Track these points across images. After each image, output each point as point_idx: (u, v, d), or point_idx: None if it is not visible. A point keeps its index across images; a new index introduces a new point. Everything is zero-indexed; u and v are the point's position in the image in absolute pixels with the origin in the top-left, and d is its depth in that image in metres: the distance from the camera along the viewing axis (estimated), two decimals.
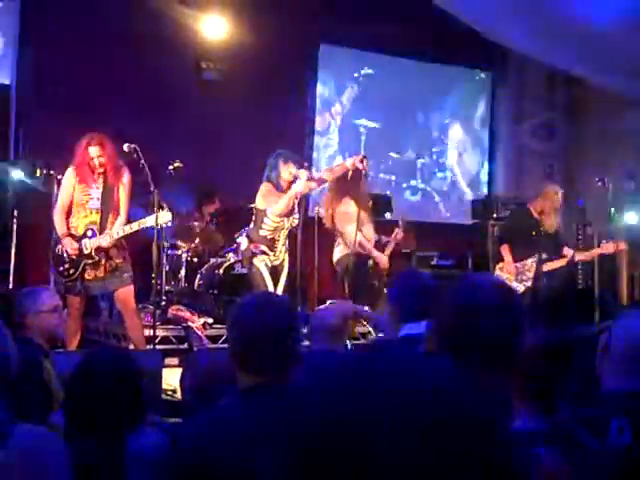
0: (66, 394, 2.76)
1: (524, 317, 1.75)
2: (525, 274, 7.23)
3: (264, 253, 6.42)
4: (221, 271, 7.63)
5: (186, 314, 7.21)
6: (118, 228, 5.94)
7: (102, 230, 5.92)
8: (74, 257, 5.88)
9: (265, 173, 6.40)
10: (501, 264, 7.36)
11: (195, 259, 8.08)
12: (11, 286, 6.88)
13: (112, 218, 5.98)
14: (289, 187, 6.28)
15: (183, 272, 7.95)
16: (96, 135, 5.90)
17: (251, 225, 6.58)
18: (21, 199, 7.35)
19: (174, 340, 6.91)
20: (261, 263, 6.42)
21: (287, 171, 6.29)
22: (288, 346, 2.29)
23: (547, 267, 7.24)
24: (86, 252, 5.87)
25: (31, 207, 7.38)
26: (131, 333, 6.11)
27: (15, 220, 7.21)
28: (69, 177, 5.95)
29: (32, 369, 3.30)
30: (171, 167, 7.32)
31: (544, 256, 7.21)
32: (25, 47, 7.98)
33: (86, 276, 5.95)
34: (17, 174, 7.24)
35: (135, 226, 6.01)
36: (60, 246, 5.93)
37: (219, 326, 7.00)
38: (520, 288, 7.08)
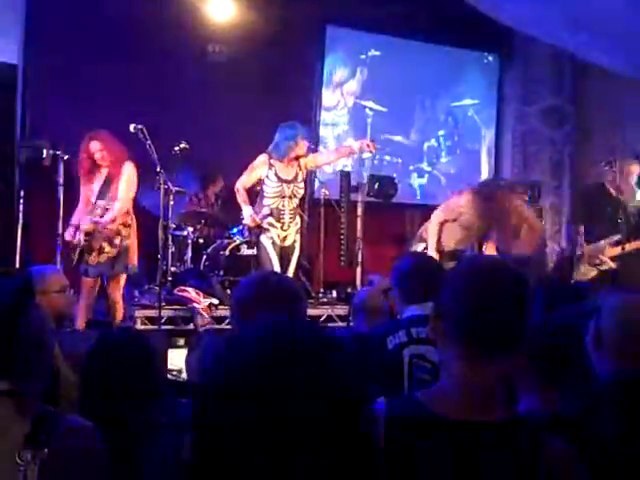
0: (83, 374, 2.76)
1: (531, 301, 1.71)
2: (599, 257, 6.84)
3: (271, 225, 6.44)
4: (227, 252, 7.63)
5: (192, 295, 7.22)
6: (108, 215, 6.24)
7: (94, 218, 6.25)
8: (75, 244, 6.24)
9: (275, 141, 6.48)
10: (579, 246, 6.97)
11: (201, 240, 8.09)
12: (17, 266, 6.89)
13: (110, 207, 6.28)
14: (295, 160, 6.35)
15: (189, 253, 7.97)
16: (99, 131, 6.23)
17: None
18: (27, 180, 7.37)
19: (180, 321, 6.93)
20: (268, 241, 6.43)
21: (304, 148, 6.36)
22: None
23: (629, 246, 6.75)
24: (79, 237, 6.20)
25: (37, 188, 7.40)
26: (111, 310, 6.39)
27: (22, 201, 7.23)
28: (80, 175, 6.36)
29: None
30: (177, 148, 7.31)
31: (619, 237, 6.80)
32: (32, 27, 7.96)
33: (89, 260, 6.21)
34: (23, 154, 7.25)
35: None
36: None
37: (224, 307, 7.02)
38: (591, 272, 6.84)
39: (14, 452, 1.75)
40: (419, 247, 6.78)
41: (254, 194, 6.94)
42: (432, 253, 6.55)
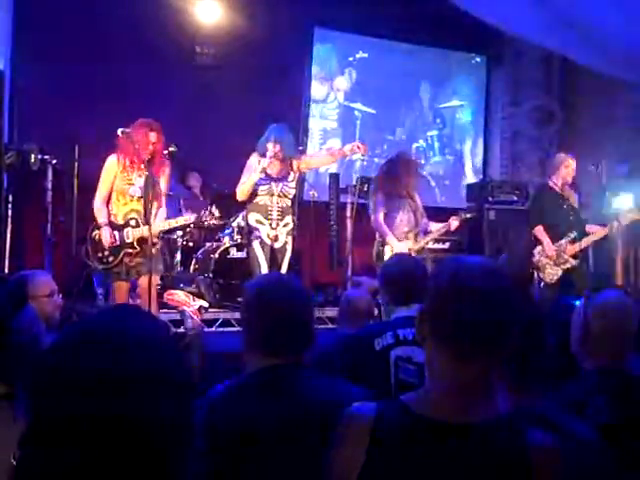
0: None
1: (514, 301, 1.70)
2: (562, 256, 6.98)
3: (259, 223, 6.44)
4: (216, 255, 7.64)
5: (181, 298, 7.22)
6: (162, 221, 5.95)
7: (146, 219, 5.86)
8: (114, 246, 5.84)
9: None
10: (539, 248, 7.09)
11: (190, 243, 8.10)
12: (7, 271, 6.88)
13: (154, 208, 5.94)
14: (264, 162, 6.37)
15: (179, 256, 7.97)
16: (154, 122, 5.92)
17: None
18: (15, 184, 7.35)
19: (170, 324, 6.93)
20: (256, 242, 6.43)
21: (270, 150, 6.36)
22: (310, 328, 2.33)
23: (585, 243, 6.97)
24: (128, 241, 5.84)
25: (26, 193, 7.39)
26: None
27: (10, 205, 7.21)
28: (112, 165, 5.87)
29: None
30: (166, 151, 7.30)
31: (575, 233, 6.95)
32: (20, 32, 7.96)
33: (127, 262, 5.91)
34: (11, 159, 7.24)
35: (181, 221, 6.12)
36: (98, 233, 5.89)
37: (215, 310, 7.03)
38: (559, 272, 6.98)
39: (10, 454, 1.76)
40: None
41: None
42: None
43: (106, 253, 5.88)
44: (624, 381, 2.32)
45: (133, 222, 5.88)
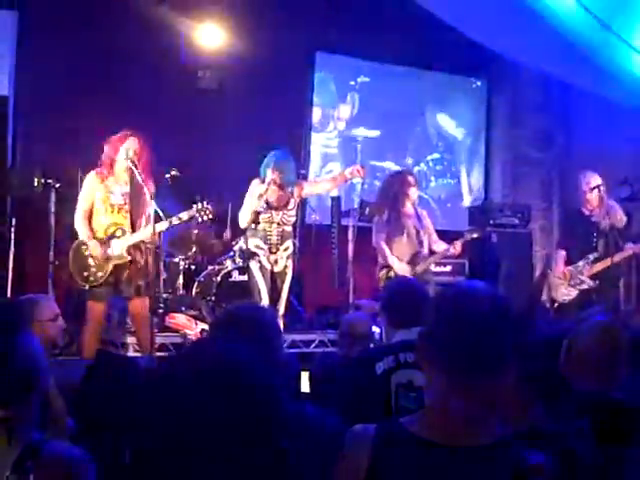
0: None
1: (513, 325, 1.72)
2: (577, 277, 6.98)
3: (258, 248, 6.45)
4: (218, 278, 7.65)
5: (183, 322, 7.23)
6: (149, 229, 5.79)
7: (133, 230, 5.83)
8: (100, 260, 5.77)
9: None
10: (553, 269, 7.21)
11: (192, 267, 8.11)
12: (9, 295, 6.89)
13: (141, 220, 5.90)
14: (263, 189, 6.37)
15: (181, 280, 7.97)
16: (135, 132, 5.94)
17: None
18: (19, 208, 7.38)
19: (171, 348, 6.93)
20: (256, 266, 6.43)
21: (268, 177, 6.38)
22: None
23: (601, 265, 6.90)
24: (116, 254, 5.79)
25: (29, 216, 7.41)
26: (140, 342, 6.05)
27: (13, 229, 7.24)
28: (91, 181, 5.87)
29: None
30: (167, 176, 7.34)
31: (595, 255, 6.92)
32: (24, 58, 8.02)
33: (119, 277, 5.83)
34: (15, 183, 7.27)
35: (179, 219, 5.94)
36: (85, 250, 5.81)
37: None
38: (573, 293, 6.97)
39: (2, 477, 1.78)
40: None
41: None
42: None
43: (93, 270, 5.79)
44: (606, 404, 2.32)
45: (119, 232, 5.83)
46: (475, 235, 7.11)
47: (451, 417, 1.66)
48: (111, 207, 5.84)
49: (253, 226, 6.48)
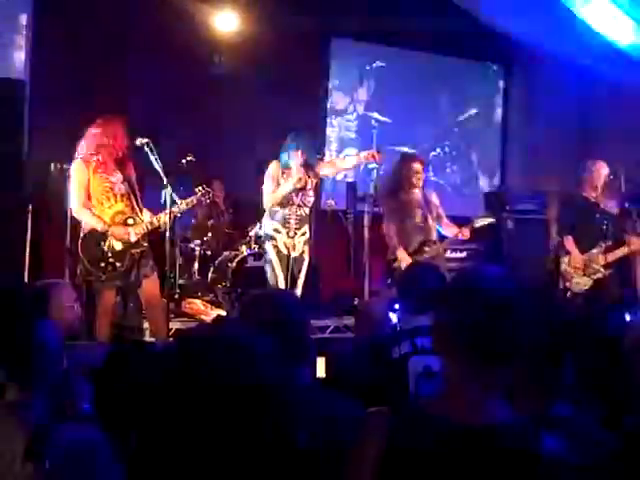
0: None
1: (527, 311, 1.72)
2: (592, 266, 6.84)
3: (277, 232, 6.43)
4: (234, 264, 7.66)
5: (199, 307, 7.26)
6: (160, 215, 5.75)
7: (136, 216, 5.73)
8: (121, 248, 5.64)
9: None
10: (567, 258, 6.94)
11: (208, 252, 8.13)
12: (27, 279, 6.92)
13: (141, 205, 5.80)
14: (297, 172, 6.35)
15: (196, 265, 8.00)
16: (119, 117, 5.77)
17: None
18: (35, 195, 7.40)
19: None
20: (273, 251, 6.39)
21: (297, 158, 6.36)
22: None
23: (619, 253, 6.78)
24: (132, 241, 5.66)
25: (46, 202, 7.44)
26: (155, 327, 5.95)
27: (30, 215, 7.26)
28: (82, 170, 5.64)
29: None
30: (184, 161, 7.33)
31: (609, 243, 6.80)
32: (39, 45, 8.03)
33: (136, 266, 5.72)
34: (30, 169, 7.30)
35: (187, 203, 5.87)
36: (100, 240, 5.64)
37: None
38: (588, 282, 6.84)
39: (15, 463, 1.77)
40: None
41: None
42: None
43: (111, 260, 5.65)
44: None
45: (131, 220, 5.70)
46: (485, 222, 6.99)
47: (467, 399, 1.67)
48: (114, 196, 5.69)
49: (272, 209, 6.46)
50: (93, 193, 5.67)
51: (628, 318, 4.67)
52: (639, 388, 2.30)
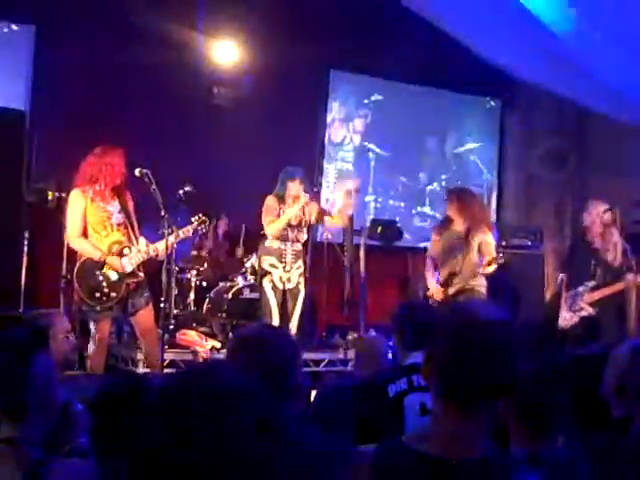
0: None
1: (513, 350, 1.72)
2: (577, 303, 6.89)
3: (273, 267, 6.46)
4: (229, 295, 7.65)
5: (194, 338, 7.23)
6: (161, 245, 5.76)
7: (133, 245, 5.71)
8: (116, 279, 5.61)
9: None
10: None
11: (204, 283, 8.11)
12: (21, 309, 6.90)
13: (137, 235, 5.78)
14: (294, 202, 6.41)
15: (192, 296, 7.98)
16: (110, 147, 5.75)
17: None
18: (33, 222, 7.40)
19: (182, 364, 6.92)
20: (269, 285, 6.45)
21: (294, 187, 6.43)
22: None
23: (601, 293, 6.82)
24: (128, 271, 5.63)
25: (43, 229, 7.43)
26: (149, 358, 5.96)
27: (26, 241, 7.25)
28: (79, 200, 5.63)
29: None
30: (181, 191, 7.34)
31: (593, 283, 6.86)
32: (40, 73, 8.07)
33: (131, 296, 5.71)
34: (29, 197, 7.30)
35: (185, 232, 5.90)
36: (96, 269, 5.61)
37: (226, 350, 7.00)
38: (574, 318, 6.88)
39: None
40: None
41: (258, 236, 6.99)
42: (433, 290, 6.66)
43: (105, 290, 5.61)
44: None
45: (127, 250, 5.68)
46: (490, 269, 6.96)
47: (450, 435, 1.66)
48: (111, 226, 5.67)
49: (267, 244, 6.51)
50: (90, 222, 5.67)
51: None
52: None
